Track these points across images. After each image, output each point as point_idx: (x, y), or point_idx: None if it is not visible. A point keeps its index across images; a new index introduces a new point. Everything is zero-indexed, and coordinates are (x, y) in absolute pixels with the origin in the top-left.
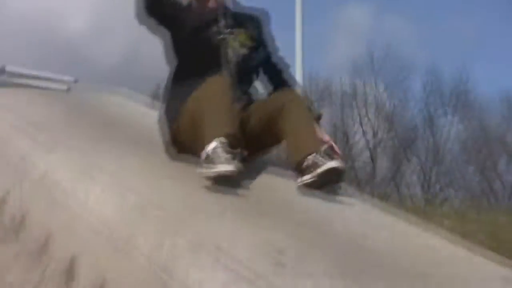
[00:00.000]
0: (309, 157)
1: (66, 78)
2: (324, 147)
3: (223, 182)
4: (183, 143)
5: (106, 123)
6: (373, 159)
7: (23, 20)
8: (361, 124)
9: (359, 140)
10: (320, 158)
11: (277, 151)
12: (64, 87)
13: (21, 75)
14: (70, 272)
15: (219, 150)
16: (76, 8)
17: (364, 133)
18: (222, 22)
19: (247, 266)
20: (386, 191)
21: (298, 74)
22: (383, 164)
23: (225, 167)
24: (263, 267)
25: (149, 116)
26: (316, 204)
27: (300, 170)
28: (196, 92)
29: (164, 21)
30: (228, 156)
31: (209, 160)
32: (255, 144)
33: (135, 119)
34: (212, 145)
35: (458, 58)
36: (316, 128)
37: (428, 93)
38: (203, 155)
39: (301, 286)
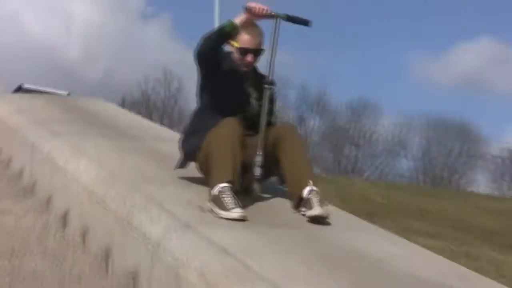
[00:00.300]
0: (304, 190)
1: (62, 91)
2: (315, 187)
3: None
4: (201, 170)
5: (91, 119)
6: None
7: (33, 49)
8: None
9: None
10: (311, 198)
11: None
12: (66, 93)
13: (33, 90)
14: (64, 221)
15: (225, 195)
16: (70, 40)
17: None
18: (251, 76)
19: (180, 219)
20: None
21: None
22: None
23: (237, 211)
24: (191, 220)
25: (120, 115)
26: None
27: (297, 202)
28: (210, 135)
29: (210, 65)
30: (233, 199)
31: (219, 202)
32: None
33: (110, 117)
34: (217, 189)
35: (321, 76)
36: (308, 161)
37: (300, 101)
38: (212, 195)
39: (216, 233)
